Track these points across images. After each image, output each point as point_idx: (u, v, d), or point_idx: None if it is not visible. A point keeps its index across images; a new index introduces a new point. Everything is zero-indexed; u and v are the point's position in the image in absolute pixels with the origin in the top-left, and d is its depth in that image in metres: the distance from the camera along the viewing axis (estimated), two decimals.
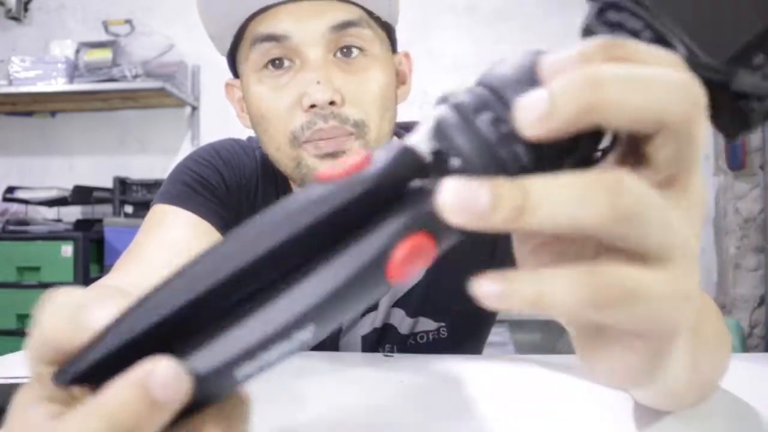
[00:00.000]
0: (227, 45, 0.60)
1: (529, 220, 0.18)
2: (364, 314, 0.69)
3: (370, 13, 0.57)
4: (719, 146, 2.44)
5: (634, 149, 0.21)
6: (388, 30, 0.61)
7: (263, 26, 0.54)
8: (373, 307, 0.68)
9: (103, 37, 2.49)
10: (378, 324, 0.68)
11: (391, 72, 0.59)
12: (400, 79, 0.63)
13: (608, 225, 0.18)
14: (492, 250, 0.69)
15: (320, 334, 0.19)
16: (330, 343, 0.69)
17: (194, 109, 2.62)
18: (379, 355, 0.68)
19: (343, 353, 0.69)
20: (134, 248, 0.57)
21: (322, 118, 0.53)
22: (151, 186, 2.35)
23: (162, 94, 2.36)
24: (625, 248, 0.19)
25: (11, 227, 2.22)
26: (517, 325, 2.36)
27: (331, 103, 0.53)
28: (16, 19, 2.69)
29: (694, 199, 0.20)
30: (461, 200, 0.17)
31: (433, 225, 0.18)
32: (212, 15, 0.56)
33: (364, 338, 0.69)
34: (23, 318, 2.13)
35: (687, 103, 0.19)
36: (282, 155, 0.57)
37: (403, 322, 0.69)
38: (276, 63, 0.55)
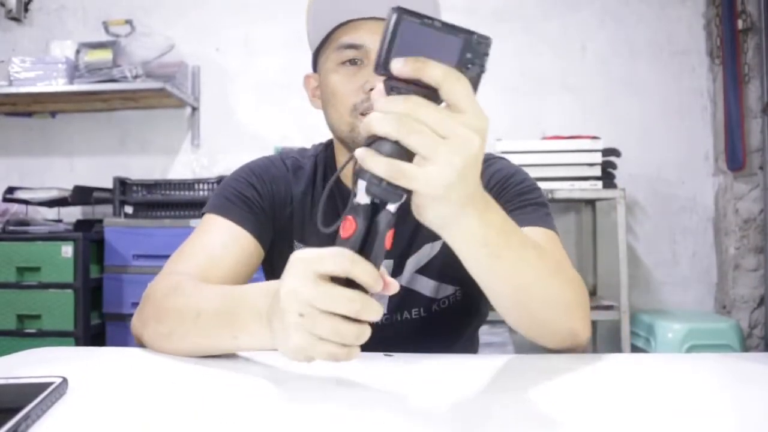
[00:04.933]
0: (316, 45, 0.84)
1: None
2: (393, 275, 0.85)
3: None
4: (719, 147, 2.44)
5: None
6: None
7: (347, 37, 0.79)
8: (398, 272, 0.87)
9: (104, 37, 2.49)
10: (403, 282, 0.86)
11: None
12: None
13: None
14: None
15: None
16: None
17: (194, 109, 2.62)
18: (379, 355, 0.68)
19: None
20: (187, 246, 0.80)
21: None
22: (151, 186, 2.33)
23: (162, 94, 2.37)
24: None
25: (11, 227, 2.22)
26: None
27: None
28: (16, 19, 2.70)
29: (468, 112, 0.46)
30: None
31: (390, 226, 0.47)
32: (316, 24, 0.81)
33: (390, 298, 0.86)
34: (23, 318, 2.14)
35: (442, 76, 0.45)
36: (342, 122, 0.80)
37: (427, 286, 0.88)
38: (351, 62, 0.79)
